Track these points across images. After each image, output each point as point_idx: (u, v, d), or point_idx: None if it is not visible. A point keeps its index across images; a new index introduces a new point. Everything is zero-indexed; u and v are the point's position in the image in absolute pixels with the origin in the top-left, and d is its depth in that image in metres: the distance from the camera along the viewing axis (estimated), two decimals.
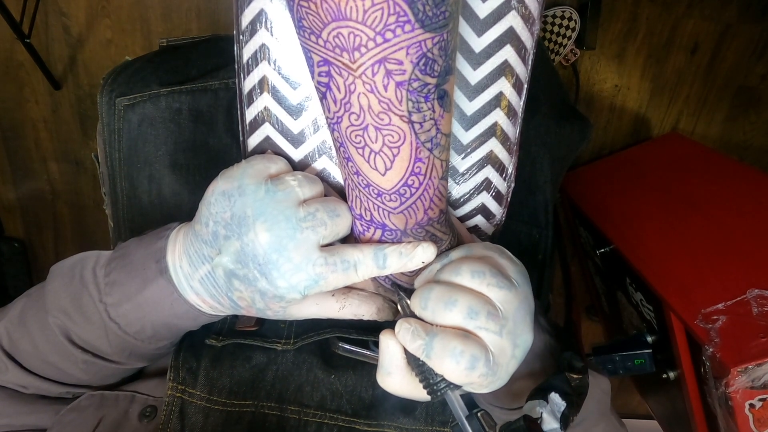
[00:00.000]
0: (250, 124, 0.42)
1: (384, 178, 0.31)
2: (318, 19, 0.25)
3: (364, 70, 0.26)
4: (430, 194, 0.32)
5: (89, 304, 0.36)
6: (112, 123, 0.53)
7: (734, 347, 0.64)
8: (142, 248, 0.37)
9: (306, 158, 0.41)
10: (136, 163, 0.53)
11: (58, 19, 1.15)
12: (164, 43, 0.66)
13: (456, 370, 0.30)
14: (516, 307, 0.32)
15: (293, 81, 0.39)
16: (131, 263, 0.36)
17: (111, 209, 0.56)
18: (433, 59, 0.27)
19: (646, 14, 1.17)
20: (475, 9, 0.37)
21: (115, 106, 0.53)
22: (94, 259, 0.38)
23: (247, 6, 0.38)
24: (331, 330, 0.46)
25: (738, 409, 0.64)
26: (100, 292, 0.36)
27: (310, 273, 0.32)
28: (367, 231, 0.35)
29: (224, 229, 0.33)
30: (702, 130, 1.29)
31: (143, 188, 0.53)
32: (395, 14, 0.24)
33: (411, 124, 0.28)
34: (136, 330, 0.37)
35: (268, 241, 0.31)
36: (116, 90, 0.53)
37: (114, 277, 0.36)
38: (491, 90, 0.39)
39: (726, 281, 0.72)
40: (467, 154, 0.41)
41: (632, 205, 1.00)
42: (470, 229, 0.44)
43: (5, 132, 1.26)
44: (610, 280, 1.06)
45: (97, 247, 0.40)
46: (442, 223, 0.35)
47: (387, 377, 0.33)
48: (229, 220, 0.32)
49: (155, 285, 0.35)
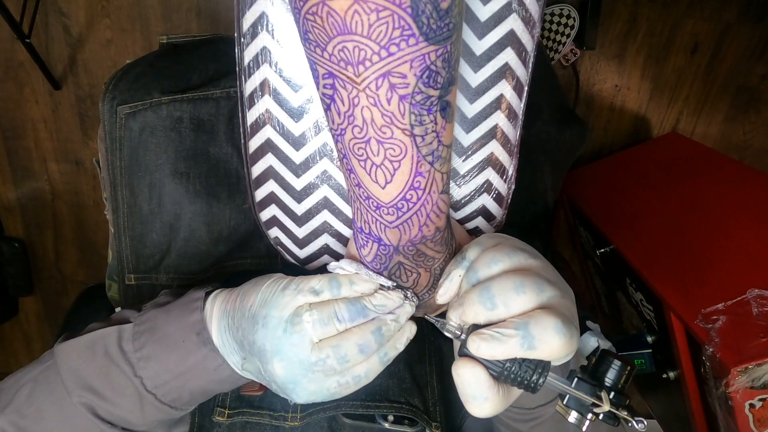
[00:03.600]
0: (251, 126, 0.42)
1: (384, 191, 0.30)
2: (323, 32, 0.25)
3: (368, 84, 0.26)
4: (428, 210, 0.32)
5: (121, 379, 0.38)
6: (114, 131, 0.53)
7: (734, 347, 0.64)
8: (174, 321, 0.39)
9: (307, 160, 0.41)
10: (137, 171, 0.53)
11: (58, 19, 1.15)
12: (164, 40, 0.65)
13: (562, 344, 0.29)
14: (551, 269, 0.32)
15: (294, 84, 0.39)
16: (166, 337, 0.38)
17: (112, 216, 0.56)
18: (437, 71, 0.27)
19: (646, 14, 1.17)
20: (476, 12, 0.37)
21: (117, 114, 0.53)
22: (116, 335, 0.39)
23: (249, 9, 0.38)
24: (336, 405, 0.47)
25: (738, 409, 0.64)
26: (133, 366, 0.38)
27: (324, 394, 0.34)
28: (366, 245, 0.35)
29: (249, 345, 0.35)
30: (702, 130, 1.29)
31: (143, 196, 0.53)
32: (400, 28, 0.24)
33: (413, 137, 0.28)
34: (173, 398, 0.39)
35: (284, 375, 0.34)
36: (118, 97, 0.53)
37: (147, 351, 0.38)
38: (492, 92, 0.39)
39: (726, 281, 0.72)
40: (468, 156, 0.41)
41: (632, 205, 1.00)
42: (471, 231, 0.44)
43: (5, 132, 1.26)
44: (610, 280, 1.06)
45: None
46: (437, 242, 0.34)
47: (484, 403, 0.31)
48: (253, 344, 0.35)
49: (198, 355, 0.37)
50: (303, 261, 0.46)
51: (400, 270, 0.36)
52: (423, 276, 0.36)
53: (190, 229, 0.53)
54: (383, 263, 0.36)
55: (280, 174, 0.42)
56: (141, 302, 0.55)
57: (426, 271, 0.36)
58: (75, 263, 1.41)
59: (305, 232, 0.44)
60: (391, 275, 0.36)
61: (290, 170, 0.41)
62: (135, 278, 0.56)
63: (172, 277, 0.55)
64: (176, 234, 0.53)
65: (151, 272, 0.55)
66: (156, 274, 0.55)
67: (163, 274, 0.55)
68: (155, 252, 0.54)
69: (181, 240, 0.53)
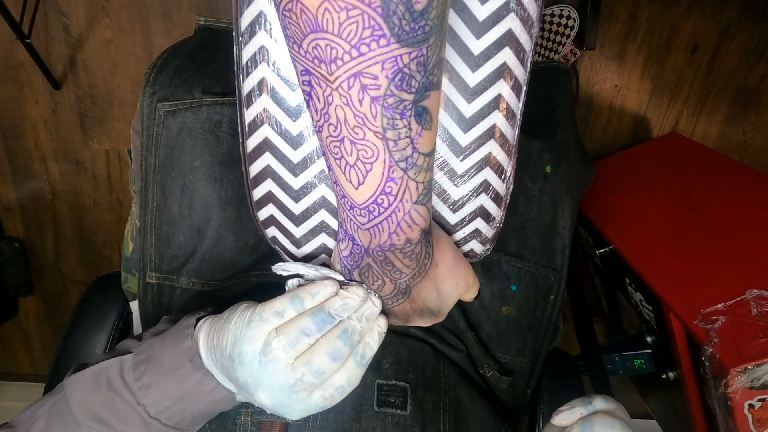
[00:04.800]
0: (249, 125, 0.42)
1: (357, 192, 0.30)
2: (298, 29, 0.25)
3: (340, 83, 0.26)
4: (398, 218, 0.31)
5: (126, 408, 0.39)
6: (151, 127, 0.53)
7: (734, 347, 0.64)
8: (169, 349, 0.40)
9: (305, 160, 0.41)
10: (171, 171, 0.53)
11: (58, 19, 1.15)
12: (202, 21, 0.64)
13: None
14: None
15: (292, 83, 0.39)
16: (162, 365, 0.40)
17: (139, 211, 0.56)
18: (410, 75, 0.26)
19: (646, 14, 1.17)
20: (473, 11, 0.37)
21: (156, 110, 0.52)
22: (118, 366, 0.41)
23: (247, 8, 0.38)
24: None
25: (737, 410, 0.64)
26: (135, 395, 0.39)
27: (314, 408, 0.36)
28: (342, 241, 0.36)
29: (234, 381, 0.37)
30: (702, 130, 1.29)
31: (175, 197, 0.53)
32: (370, 28, 0.24)
33: (385, 141, 0.28)
34: (178, 420, 0.40)
35: (270, 402, 0.35)
36: (158, 93, 0.53)
37: (147, 380, 0.39)
38: (490, 92, 0.39)
39: (726, 281, 0.72)
40: (466, 156, 0.41)
41: (632, 205, 1.00)
42: (471, 233, 0.44)
43: (5, 132, 1.26)
44: (609, 281, 1.06)
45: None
46: (407, 254, 0.34)
47: None
48: (236, 380, 0.36)
49: (192, 380, 0.39)
50: (300, 260, 0.46)
51: (369, 272, 0.36)
52: (387, 285, 0.36)
53: (218, 235, 0.53)
54: (356, 261, 0.36)
55: (278, 173, 0.42)
56: (160, 302, 0.56)
57: (390, 282, 0.36)
58: (75, 263, 1.41)
59: (302, 232, 0.44)
60: (361, 274, 0.37)
61: (288, 169, 0.41)
62: (156, 277, 0.56)
63: (193, 282, 0.55)
64: (203, 239, 0.53)
65: (173, 274, 0.55)
66: (178, 276, 0.55)
67: (185, 277, 0.55)
68: (179, 254, 0.54)
69: (207, 245, 0.53)
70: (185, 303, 0.56)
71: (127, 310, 0.71)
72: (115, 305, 0.71)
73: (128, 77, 1.21)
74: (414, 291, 0.38)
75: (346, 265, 0.37)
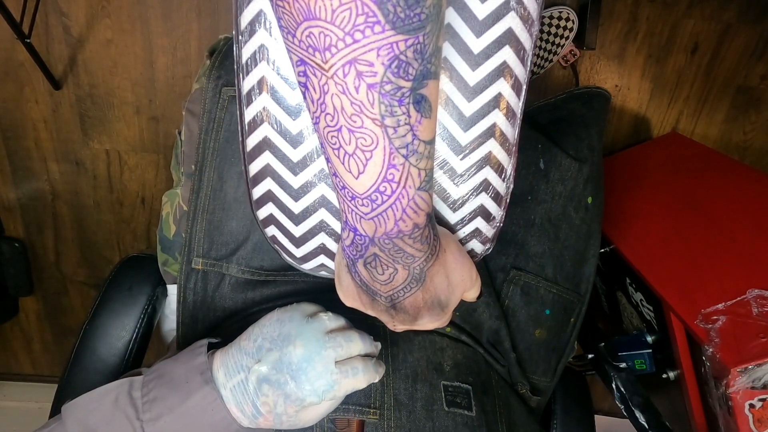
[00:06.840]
0: (248, 124, 0.42)
1: (357, 181, 0.30)
2: (292, 18, 0.25)
3: (335, 71, 0.26)
4: (403, 204, 0.31)
5: (122, 423, 0.39)
6: (213, 111, 0.53)
7: (734, 347, 0.64)
8: (182, 365, 0.42)
9: (305, 158, 0.41)
10: (230, 156, 0.52)
11: (58, 19, 1.15)
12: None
13: None
14: None
15: (292, 82, 0.39)
16: (173, 379, 0.41)
17: (191, 195, 0.55)
18: (407, 62, 0.26)
19: (646, 14, 1.17)
20: (473, 10, 0.37)
21: (221, 95, 0.52)
22: (128, 385, 0.42)
23: (246, 6, 0.38)
24: None
25: (738, 410, 0.64)
26: (137, 410, 0.40)
27: (328, 379, 0.40)
28: (343, 232, 0.36)
29: (269, 343, 0.41)
30: (702, 130, 1.29)
31: (231, 183, 0.53)
32: (363, 14, 0.24)
33: (384, 128, 0.28)
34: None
35: (302, 353, 0.40)
36: (223, 77, 0.53)
37: (154, 394, 0.40)
38: (490, 91, 0.39)
39: (726, 281, 0.72)
40: (466, 155, 0.41)
41: (632, 205, 1.00)
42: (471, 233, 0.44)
43: (5, 132, 1.26)
44: (610, 280, 1.06)
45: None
46: (416, 238, 0.34)
47: None
48: (276, 337, 0.41)
49: (199, 393, 0.40)
50: (299, 260, 0.46)
51: (376, 261, 0.35)
52: (400, 273, 0.36)
53: None
54: (359, 251, 0.35)
55: (278, 172, 0.42)
56: (205, 288, 0.57)
57: (404, 269, 0.35)
58: (75, 263, 1.41)
59: (302, 231, 0.44)
60: (366, 264, 0.36)
61: (287, 168, 0.41)
62: (203, 263, 0.55)
63: (243, 269, 0.55)
64: (256, 227, 0.52)
65: (223, 260, 0.55)
66: (228, 263, 0.55)
67: (235, 264, 0.55)
68: (231, 240, 0.54)
69: (260, 233, 0.52)
70: (233, 290, 0.56)
71: (157, 294, 0.70)
72: (145, 288, 0.69)
73: (128, 77, 1.21)
74: (427, 277, 0.37)
75: (349, 255, 0.37)
